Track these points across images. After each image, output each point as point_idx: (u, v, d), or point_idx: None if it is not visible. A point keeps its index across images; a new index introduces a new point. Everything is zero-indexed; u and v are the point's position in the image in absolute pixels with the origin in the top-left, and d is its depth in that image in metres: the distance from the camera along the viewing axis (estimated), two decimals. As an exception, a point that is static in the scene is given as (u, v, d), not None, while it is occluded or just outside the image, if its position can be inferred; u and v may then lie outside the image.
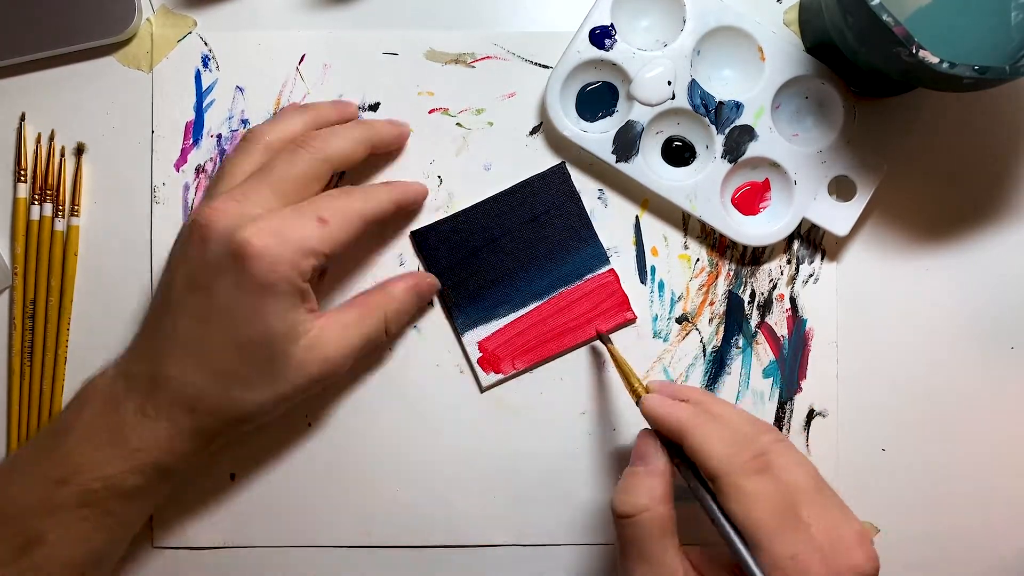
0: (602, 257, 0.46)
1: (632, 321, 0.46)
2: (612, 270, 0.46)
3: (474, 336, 0.46)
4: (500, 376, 0.46)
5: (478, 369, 0.46)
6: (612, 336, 0.46)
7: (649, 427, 0.39)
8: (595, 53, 0.44)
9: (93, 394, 0.40)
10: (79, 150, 0.46)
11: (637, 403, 0.40)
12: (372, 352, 0.45)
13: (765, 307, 0.46)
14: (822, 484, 0.36)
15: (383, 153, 0.45)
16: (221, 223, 0.38)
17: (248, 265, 0.37)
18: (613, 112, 0.46)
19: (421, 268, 0.46)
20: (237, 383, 0.39)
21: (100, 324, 0.46)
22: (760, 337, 0.46)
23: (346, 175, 0.46)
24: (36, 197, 0.46)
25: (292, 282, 0.38)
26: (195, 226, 0.39)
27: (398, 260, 0.46)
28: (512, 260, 0.46)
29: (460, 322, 0.46)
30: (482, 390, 0.46)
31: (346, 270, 0.46)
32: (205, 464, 0.44)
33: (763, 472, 0.34)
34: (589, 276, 0.46)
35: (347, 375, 0.43)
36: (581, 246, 0.46)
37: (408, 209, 0.45)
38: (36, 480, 0.38)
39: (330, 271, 0.46)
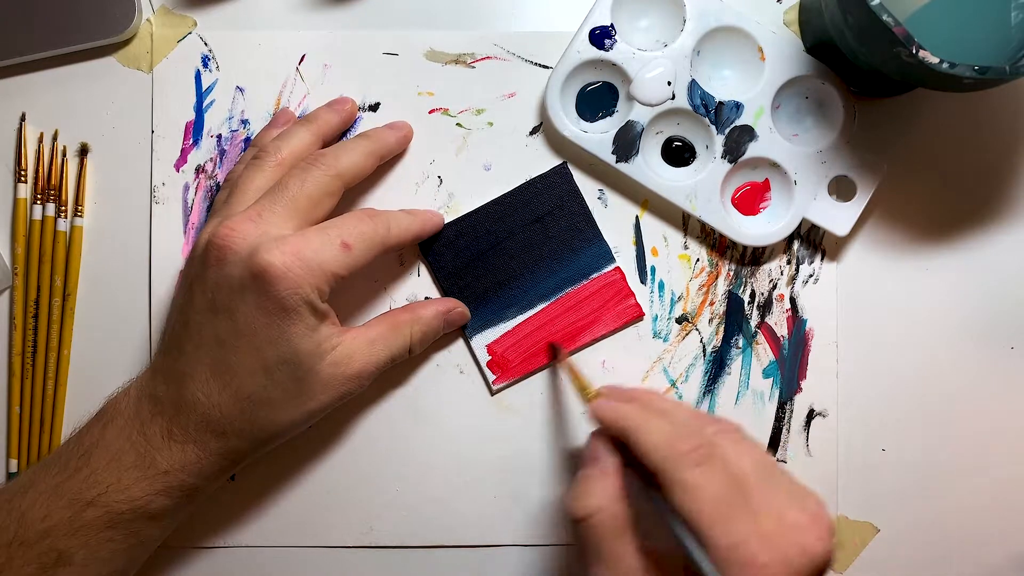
0: (607, 255, 0.46)
1: (641, 318, 0.46)
2: (618, 268, 0.46)
3: (483, 339, 0.46)
4: (511, 378, 0.46)
5: (488, 372, 0.46)
6: (618, 334, 0.46)
7: (598, 430, 0.39)
8: (595, 53, 0.44)
9: (116, 414, 0.40)
10: (83, 151, 0.46)
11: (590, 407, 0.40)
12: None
13: (765, 307, 0.46)
14: (772, 470, 0.35)
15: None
16: (240, 244, 0.38)
17: (269, 287, 0.37)
18: (613, 112, 0.46)
19: (424, 270, 0.46)
20: (265, 405, 0.39)
21: (99, 324, 0.46)
22: (760, 337, 0.46)
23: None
24: (38, 197, 0.46)
25: (312, 303, 0.38)
26: (212, 246, 0.39)
27: (398, 260, 0.46)
28: (518, 262, 0.46)
29: (468, 326, 0.46)
30: (492, 393, 0.46)
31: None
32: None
33: (705, 463, 0.34)
34: (595, 275, 0.46)
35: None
36: (586, 245, 0.46)
37: (424, 238, 0.45)
38: (63, 500, 0.38)
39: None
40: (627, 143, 0.45)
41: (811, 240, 0.46)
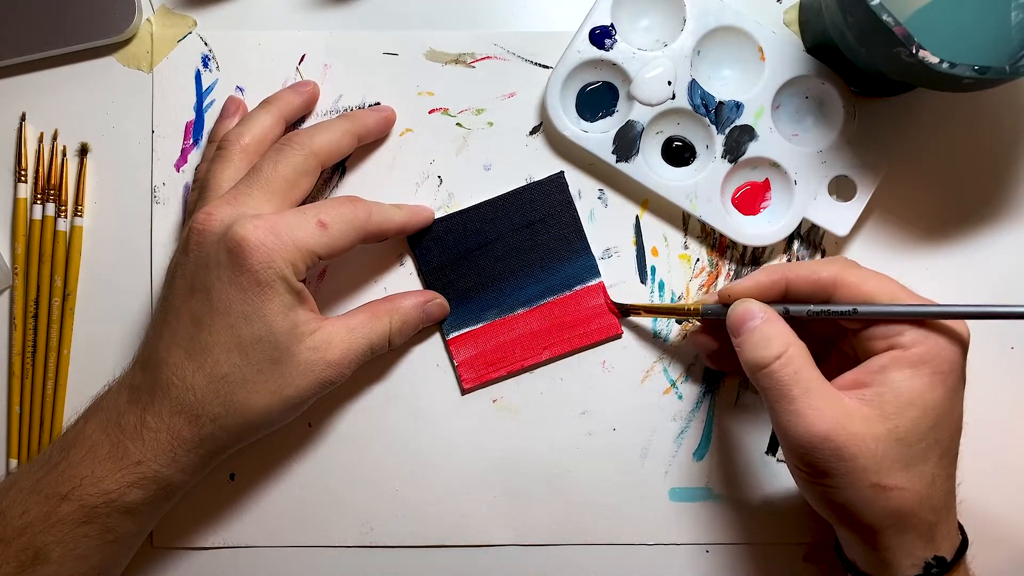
0: (593, 269, 0.46)
1: (619, 335, 0.46)
2: (601, 283, 0.46)
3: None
4: (482, 381, 0.46)
5: (459, 372, 0.46)
6: (603, 346, 0.46)
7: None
8: (595, 53, 0.44)
9: (98, 409, 0.39)
10: (83, 150, 0.46)
11: (701, 314, 0.41)
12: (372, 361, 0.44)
13: (765, 307, 0.46)
14: None
15: (372, 141, 0.45)
16: (217, 225, 0.38)
17: (243, 261, 0.37)
18: (613, 112, 0.46)
19: (410, 262, 0.46)
20: (240, 387, 0.38)
21: (100, 324, 0.46)
22: (760, 337, 0.46)
23: (347, 171, 0.46)
24: (38, 197, 0.46)
25: (287, 279, 0.38)
26: (192, 231, 0.39)
27: (399, 259, 0.46)
28: (503, 265, 0.46)
29: (447, 323, 0.46)
30: (463, 392, 0.46)
31: (346, 268, 0.46)
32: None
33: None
34: (578, 287, 0.46)
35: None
36: (573, 256, 0.46)
37: (411, 232, 0.45)
38: (40, 495, 0.38)
39: (329, 269, 0.46)
40: (627, 143, 0.45)
41: (811, 240, 0.46)
